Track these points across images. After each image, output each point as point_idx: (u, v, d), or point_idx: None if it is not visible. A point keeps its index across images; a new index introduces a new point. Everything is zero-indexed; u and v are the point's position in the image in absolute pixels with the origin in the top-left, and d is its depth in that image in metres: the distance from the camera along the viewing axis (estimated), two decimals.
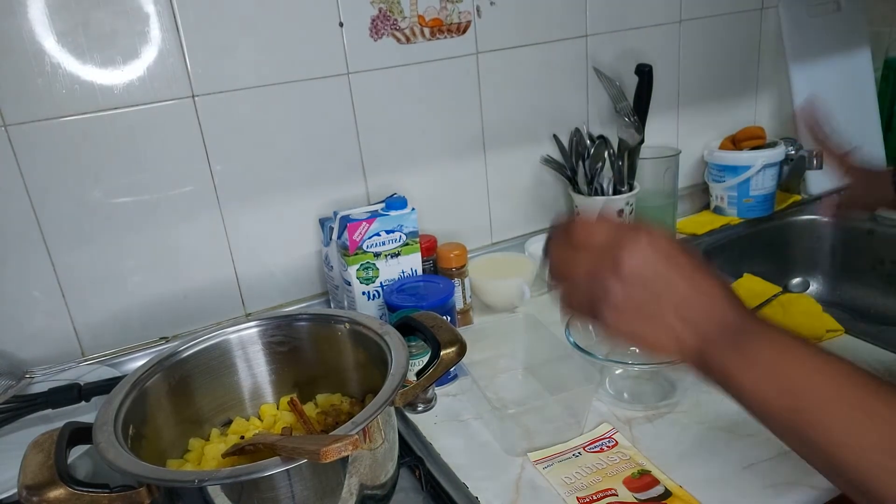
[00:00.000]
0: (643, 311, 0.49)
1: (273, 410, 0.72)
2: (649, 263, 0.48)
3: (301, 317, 0.73)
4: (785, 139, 1.33)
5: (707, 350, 0.48)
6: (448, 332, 0.65)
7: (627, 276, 0.48)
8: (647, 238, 0.49)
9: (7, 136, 0.78)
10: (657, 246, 0.49)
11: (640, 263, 0.48)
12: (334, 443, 0.47)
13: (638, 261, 0.48)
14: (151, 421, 0.64)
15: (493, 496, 0.66)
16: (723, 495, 0.63)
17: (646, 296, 0.48)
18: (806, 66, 1.33)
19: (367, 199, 1.03)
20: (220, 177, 0.91)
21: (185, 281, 0.93)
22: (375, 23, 0.95)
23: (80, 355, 0.89)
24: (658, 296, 0.48)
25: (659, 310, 0.48)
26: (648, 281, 0.48)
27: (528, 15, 1.07)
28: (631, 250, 0.48)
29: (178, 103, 0.86)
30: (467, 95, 1.06)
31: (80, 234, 0.85)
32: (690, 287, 0.48)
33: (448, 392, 0.84)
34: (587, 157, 1.13)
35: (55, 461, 0.50)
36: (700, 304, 0.48)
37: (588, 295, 0.50)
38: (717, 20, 1.29)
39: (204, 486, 0.51)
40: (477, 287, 1.01)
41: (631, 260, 0.48)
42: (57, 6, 0.77)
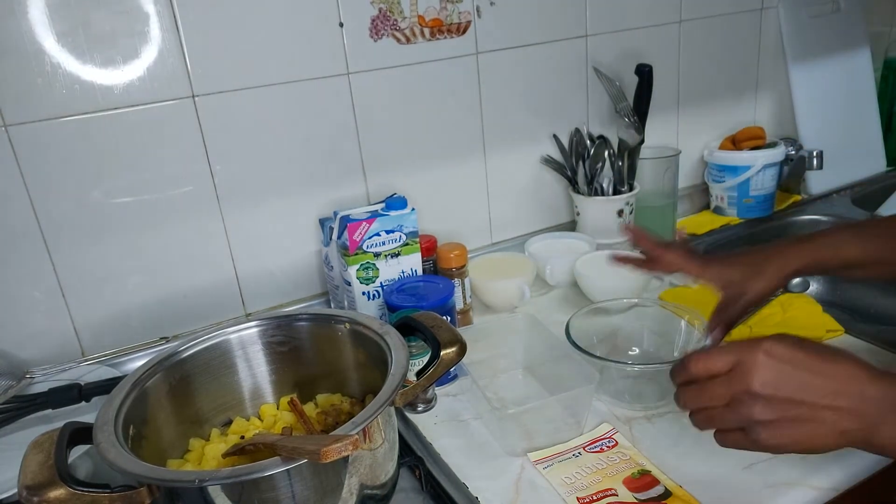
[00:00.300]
0: (795, 420, 0.49)
1: (273, 410, 0.72)
2: (779, 375, 0.49)
3: (301, 317, 0.73)
4: (785, 139, 1.33)
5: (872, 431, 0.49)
6: (448, 332, 0.65)
7: (765, 394, 0.49)
8: (765, 351, 0.50)
9: (7, 136, 0.78)
10: (777, 355, 0.50)
11: (771, 378, 0.49)
12: (334, 443, 0.47)
13: (767, 377, 0.49)
14: (152, 421, 0.64)
15: (493, 496, 0.66)
16: (723, 495, 0.63)
17: (791, 405, 0.49)
18: (806, 66, 1.33)
19: (367, 199, 1.03)
20: (220, 177, 0.91)
21: (185, 281, 0.93)
22: (375, 23, 0.95)
23: (81, 355, 0.89)
24: (802, 401, 0.49)
25: (810, 413, 0.49)
26: (786, 391, 0.49)
27: (528, 15, 1.07)
28: (756, 370, 0.49)
29: (178, 103, 0.86)
30: (467, 95, 1.06)
31: (80, 234, 0.85)
32: (827, 378, 0.49)
33: (448, 392, 0.84)
34: (587, 157, 1.14)
35: (55, 461, 0.50)
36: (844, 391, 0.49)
37: (737, 424, 0.51)
38: (717, 20, 1.29)
39: (204, 486, 0.51)
40: (477, 287, 1.01)
41: (761, 379, 0.49)
42: (57, 6, 0.77)
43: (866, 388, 0.49)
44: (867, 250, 0.70)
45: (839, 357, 0.51)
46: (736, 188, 1.27)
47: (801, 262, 0.71)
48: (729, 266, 0.73)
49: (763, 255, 0.72)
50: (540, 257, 1.06)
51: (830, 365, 0.50)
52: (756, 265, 0.71)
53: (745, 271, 0.71)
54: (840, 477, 0.65)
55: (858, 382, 0.49)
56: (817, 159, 1.28)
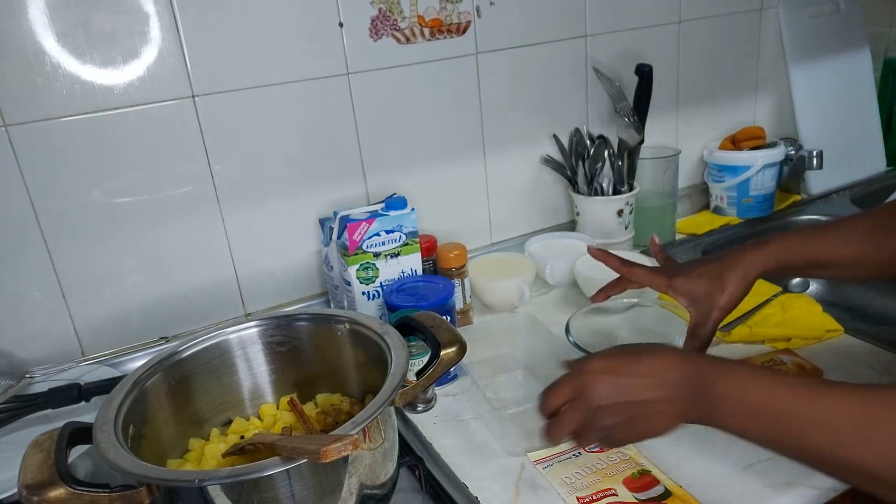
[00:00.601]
0: (636, 416, 0.57)
1: (273, 410, 0.72)
2: (608, 386, 0.57)
3: (301, 317, 0.73)
4: (785, 139, 1.33)
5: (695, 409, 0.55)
6: (448, 332, 0.65)
7: (605, 405, 0.57)
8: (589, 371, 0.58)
9: (7, 136, 0.78)
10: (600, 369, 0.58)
11: (604, 391, 0.57)
12: (334, 442, 0.47)
13: (600, 391, 0.57)
14: (151, 421, 0.64)
15: (493, 496, 0.66)
16: (723, 495, 0.63)
17: (627, 406, 0.56)
18: (806, 66, 1.33)
19: (367, 199, 1.03)
20: (220, 177, 0.91)
21: (185, 281, 0.93)
22: (375, 23, 0.95)
23: (80, 355, 0.89)
24: (633, 401, 0.56)
25: (644, 408, 0.56)
26: (618, 397, 0.56)
27: (527, 15, 1.07)
28: (589, 388, 0.57)
29: (178, 103, 0.86)
30: (467, 95, 1.06)
31: (79, 234, 0.85)
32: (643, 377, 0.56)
33: (448, 392, 0.84)
34: (587, 157, 1.14)
35: (55, 461, 0.50)
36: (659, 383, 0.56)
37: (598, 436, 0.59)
38: (717, 20, 1.29)
39: (204, 485, 0.51)
40: (477, 287, 1.01)
41: (596, 394, 0.57)
42: (57, 6, 0.77)
43: (673, 374, 0.56)
44: (829, 250, 0.70)
45: (650, 354, 0.58)
46: (736, 188, 1.27)
47: (762, 267, 0.71)
48: (693, 279, 0.73)
49: (723, 264, 0.72)
50: (540, 257, 1.06)
51: (643, 364, 0.57)
52: (717, 277, 0.71)
53: (708, 285, 0.71)
54: None
55: (667, 371, 0.56)
56: (817, 159, 1.28)
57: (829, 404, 0.49)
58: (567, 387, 0.59)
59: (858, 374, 0.79)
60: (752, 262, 0.71)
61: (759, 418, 0.52)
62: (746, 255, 0.71)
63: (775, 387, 0.52)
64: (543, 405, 0.60)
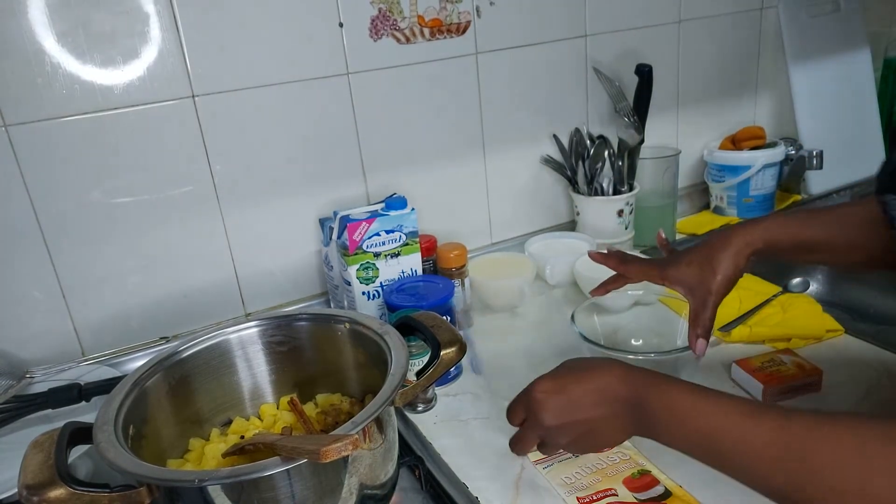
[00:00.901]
0: (586, 433, 0.59)
1: (273, 410, 0.72)
2: (555, 406, 0.59)
3: (301, 317, 0.73)
4: (785, 139, 1.33)
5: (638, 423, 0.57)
6: (448, 332, 0.65)
7: (555, 425, 0.59)
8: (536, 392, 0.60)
9: (7, 136, 0.78)
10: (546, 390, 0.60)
11: (551, 411, 0.59)
12: (334, 442, 0.47)
13: (548, 412, 0.59)
14: (151, 421, 0.64)
15: (493, 496, 0.66)
16: (723, 495, 0.63)
17: (576, 424, 0.59)
18: (806, 66, 1.33)
19: (367, 199, 1.03)
20: (220, 177, 0.91)
21: (185, 281, 0.93)
22: (375, 23, 0.95)
23: (81, 355, 0.89)
24: (581, 419, 0.58)
25: (592, 424, 0.59)
26: (566, 416, 0.59)
27: (527, 15, 1.07)
28: (538, 411, 0.60)
29: (178, 103, 0.86)
30: (467, 95, 1.06)
31: (79, 234, 0.85)
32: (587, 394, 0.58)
33: (448, 392, 0.84)
34: (587, 157, 1.14)
35: (55, 461, 0.50)
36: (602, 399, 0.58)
37: (554, 450, 0.64)
38: (717, 20, 1.29)
39: (204, 485, 0.51)
40: (477, 287, 1.01)
41: (544, 416, 0.59)
42: (57, 6, 0.77)
43: (615, 391, 0.58)
44: (819, 233, 0.70)
45: (594, 371, 0.59)
46: (736, 188, 1.27)
47: (751, 246, 0.70)
48: (684, 267, 0.72)
49: (711, 248, 0.71)
50: (540, 257, 1.06)
51: (587, 382, 0.59)
52: (707, 262, 0.70)
53: (699, 271, 0.71)
54: None
55: (610, 389, 0.58)
56: (817, 159, 1.28)
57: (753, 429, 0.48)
58: (520, 407, 0.63)
59: (858, 374, 0.79)
60: (741, 242, 0.70)
61: (691, 437, 0.52)
62: (734, 236, 0.70)
63: (706, 406, 0.52)
64: (508, 419, 0.65)
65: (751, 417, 0.49)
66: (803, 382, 0.75)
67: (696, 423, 0.52)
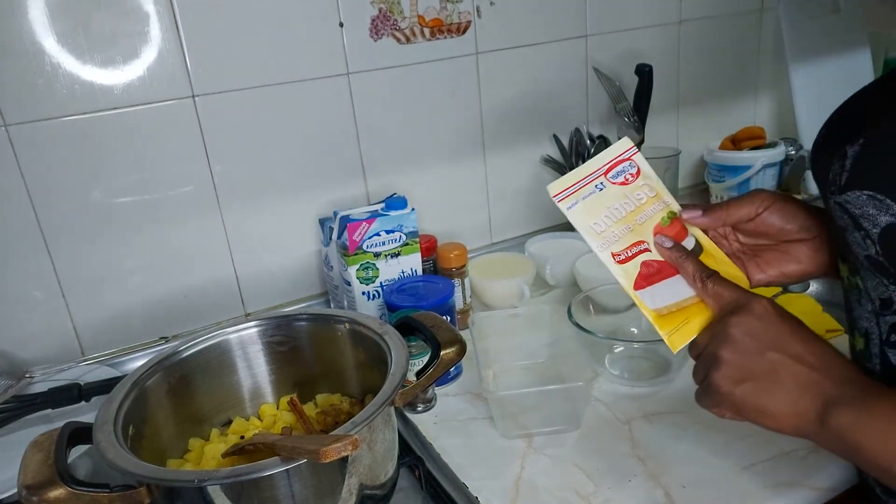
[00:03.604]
0: (758, 379, 0.49)
1: (273, 410, 0.72)
2: (758, 331, 0.50)
3: (301, 317, 0.73)
4: (785, 139, 1.33)
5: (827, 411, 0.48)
6: (448, 332, 0.65)
7: (737, 345, 0.50)
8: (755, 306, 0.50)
9: (7, 136, 0.78)
10: (765, 313, 0.50)
11: (749, 331, 0.50)
12: (334, 443, 0.47)
13: (746, 329, 0.50)
14: (151, 421, 0.64)
15: (493, 496, 0.66)
16: (723, 495, 0.63)
17: (759, 363, 0.49)
18: (806, 66, 1.33)
19: (367, 199, 1.03)
20: (220, 177, 0.91)
21: (185, 281, 0.93)
22: (375, 23, 0.95)
23: (80, 355, 0.89)
24: (772, 362, 0.49)
25: (776, 377, 0.49)
26: (759, 348, 0.49)
27: (527, 15, 1.07)
28: (737, 319, 0.50)
29: (178, 103, 0.86)
30: (467, 96, 1.06)
31: (80, 234, 0.85)
32: (805, 351, 0.49)
33: (448, 392, 0.84)
34: (587, 157, 1.14)
35: (55, 461, 0.50)
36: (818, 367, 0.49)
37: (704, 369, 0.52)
38: (717, 21, 1.29)
39: (204, 485, 0.51)
40: (477, 287, 1.01)
41: (738, 328, 0.50)
42: (57, 6, 0.77)
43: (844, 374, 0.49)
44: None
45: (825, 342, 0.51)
46: (736, 188, 1.27)
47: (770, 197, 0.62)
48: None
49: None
50: (540, 257, 1.06)
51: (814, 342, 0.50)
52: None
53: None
54: (840, 477, 0.64)
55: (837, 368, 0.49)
56: None
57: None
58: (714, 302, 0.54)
59: None
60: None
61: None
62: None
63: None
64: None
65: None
66: None
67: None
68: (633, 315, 0.92)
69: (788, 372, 0.49)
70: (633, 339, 0.89)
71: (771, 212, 0.60)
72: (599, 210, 0.60)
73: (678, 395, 0.78)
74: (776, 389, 0.49)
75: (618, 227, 0.60)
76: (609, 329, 0.89)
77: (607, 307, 0.91)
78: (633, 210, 0.60)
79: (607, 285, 0.90)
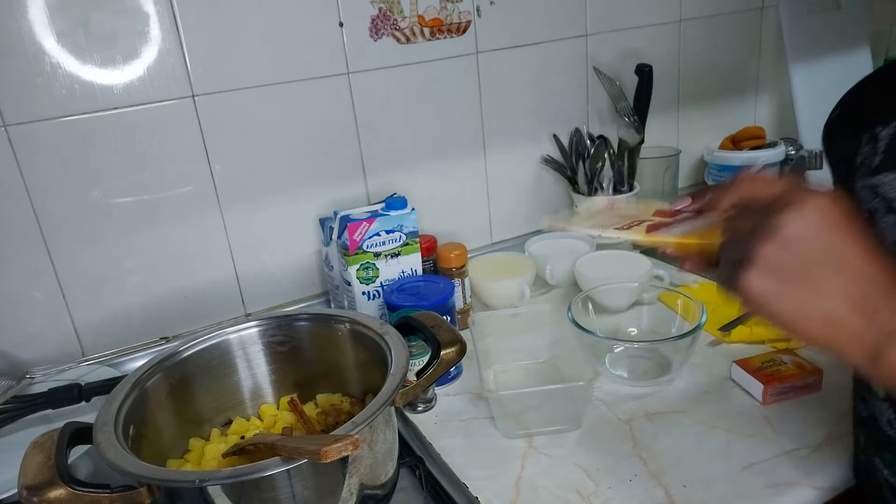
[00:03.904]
0: (798, 285, 0.41)
1: (273, 410, 0.72)
2: (813, 229, 0.41)
3: (301, 317, 0.73)
4: (785, 139, 1.33)
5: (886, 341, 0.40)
6: (448, 332, 0.65)
7: (784, 239, 0.41)
8: (818, 201, 0.41)
9: (7, 136, 0.78)
10: (828, 211, 0.41)
11: (803, 227, 0.41)
12: (334, 443, 0.47)
13: (800, 224, 0.41)
14: (152, 421, 0.64)
15: (493, 496, 0.66)
16: (723, 495, 0.63)
17: (805, 267, 0.41)
18: (806, 65, 1.33)
19: (367, 199, 1.03)
20: (220, 177, 0.91)
21: (185, 281, 0.93)
22: (375, 23, 0.95)
23: (81, 355, 0.89)
24: (822, 270, 0.40)
25: (820, 287, 0.41)
26: (810, 250, 0.40)
27: (528, 15, 1.07)
28: (794, 211, 0.41)
29: (178, 103, 0.86)
30: (467, 95, 1.06)
31: (80, 234, 0.85)
32: (866, 264, 0.40)
33: (448, 392, 0.84)
34: (587, 157, 1.14)
35: (55, 461, 0.50)
36: (878, 286, 0.40)
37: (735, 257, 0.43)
38: (718, 20, 1.29)
39: (204, 486, 0.50)
40: (477, 287, 1.01)
41: (792, 222, 0.41)
42: (57, 6, 0.77)
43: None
44: None
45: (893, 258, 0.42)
46: None
47: None
48: None
49: None
50: (540, 257, 1.06)
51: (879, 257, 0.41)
52: None
53: None
54: (840, 477, 0.65)
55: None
56: (817, 159, 1.28)
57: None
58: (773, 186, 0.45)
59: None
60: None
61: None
62: None
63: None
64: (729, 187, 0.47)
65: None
66: (803, 382, 0.75)
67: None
68: (633, 315, 0.92)
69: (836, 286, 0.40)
70: (633, 339, 0.89)
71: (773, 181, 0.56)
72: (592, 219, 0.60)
73: (679, 395, 0.78)
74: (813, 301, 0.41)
75: (613, 219, 0.59)
76: (609, 329, 0.89)
77: (607, 307, 0.91)
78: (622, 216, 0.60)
79: (607, 285, 0.90)
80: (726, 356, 0.83)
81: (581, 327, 0.79)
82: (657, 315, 0.90)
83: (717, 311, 0.87)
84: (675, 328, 0.85)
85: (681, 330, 0.83)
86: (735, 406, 0.75)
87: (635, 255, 1.04)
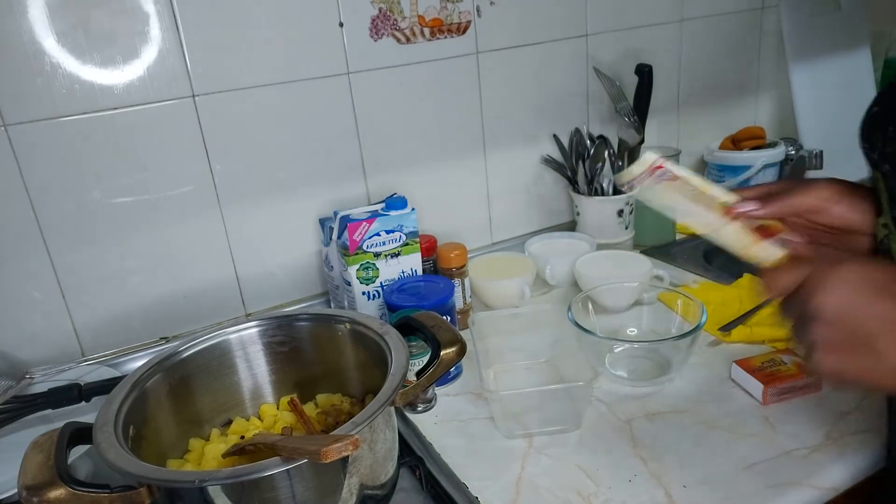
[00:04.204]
0: (862, 354, 0.44)
1: (273, 410, 0.72)
2: (847, 300, 0.44)
3: (301, 317, 0.73)
4: (785, 139, 1.33)
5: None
6: (448, 332, 0.65)
7: (828, 319, 0.45)
8: (840, 274, 0.45)
9: (7, 136, 0.78)
10: (859, 279, 0.45)
11: (837, 303, 0.44)
12: (334, 443, 0.47)
13: (833, 301, 0.44)
14: (151, 421, 0.64)
15: (493, 496, 0.66)
16: (723, 495, 0.63)
17: (859, 336, 0.44)
18: (806, 65, 1.33)
19: (367, 199, 1.03)
20: (220, 177, 0.91)
21: (186, 281, 0.93)
22: (375, 23, 0.95)
23: (80, 355, 0.89)
24: (875, 333, 0.44)
25: (881, 348, 0.44)
26: (854, 318, 0.44)
27: (528, 15, 1.07)
28: (827, 290, 0.45)
29: (178, 103, 0.86)
30: (467, 95, 1.06)
31: (80, 234, 0.85)
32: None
33: (448, 392, 0.84)
34: (587, 157, 1.13)
35: (55, 461, 0.50)
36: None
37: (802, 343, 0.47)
38: (718, 20, 1.29)
39: (204, 486, 0.50)
40: (477, 287, 1.01)
41: (828, 300, 0.44)
42: (57, 6, 0.77)
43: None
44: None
45: None
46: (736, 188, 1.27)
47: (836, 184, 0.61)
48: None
49: None
50: (540, 257, 1.06)
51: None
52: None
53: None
54: (840, 477, 0.65)
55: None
56: (817, 159, 1.28)
57: None
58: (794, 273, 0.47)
59: None
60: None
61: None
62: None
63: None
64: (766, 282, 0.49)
65: None
66: (803, 382, 0.75)
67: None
68: (633, 315, 0.92)
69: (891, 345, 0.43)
70: (633, 339, 0.89)
71: (841, 205, 0.57)
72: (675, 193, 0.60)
73: (679, 395, 0.78)
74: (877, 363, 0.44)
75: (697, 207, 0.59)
76: (609, 329, 0.89)
77: (607, 307, 0.91)
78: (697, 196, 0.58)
79: (607, 285, 0.90)
80: (726, 356, 0.83)
81: (581, 327, 0.80)
82: (657, 315, 0.90)
83: (717, 311, 0.87)
84: (675, 328, 0.85)
85: (681, 330, 0.83)
86: (735, 406, 0.75)
87: (635, 255, 1.05)
